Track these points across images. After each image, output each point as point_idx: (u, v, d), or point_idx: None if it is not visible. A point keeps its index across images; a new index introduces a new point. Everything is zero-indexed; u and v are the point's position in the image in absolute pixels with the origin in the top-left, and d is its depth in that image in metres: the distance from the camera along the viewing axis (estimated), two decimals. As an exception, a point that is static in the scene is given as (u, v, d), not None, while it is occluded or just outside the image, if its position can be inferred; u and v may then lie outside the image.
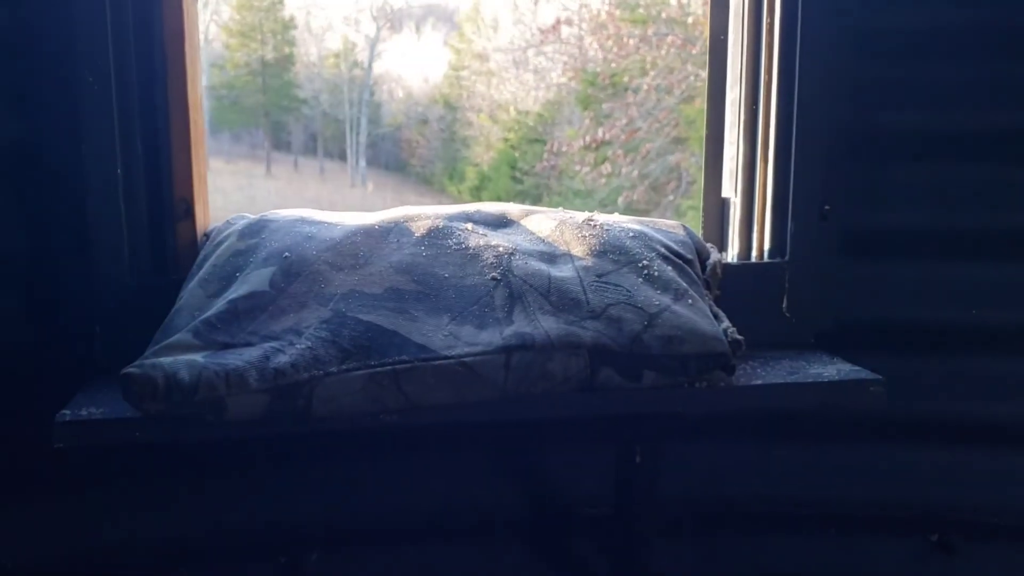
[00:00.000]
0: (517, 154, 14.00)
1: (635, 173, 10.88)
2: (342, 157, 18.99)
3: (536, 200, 12.61)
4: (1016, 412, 1.65)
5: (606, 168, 11.21)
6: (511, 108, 14.32)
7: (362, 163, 18.57)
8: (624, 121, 10.98)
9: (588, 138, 11.29)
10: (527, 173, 13.47)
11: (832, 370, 1.41)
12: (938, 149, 1.57)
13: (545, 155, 12.54)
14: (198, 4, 1.45)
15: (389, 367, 1.21)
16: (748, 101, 1.56)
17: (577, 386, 1.26)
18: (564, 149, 12.02)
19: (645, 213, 10.58)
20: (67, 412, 1.21)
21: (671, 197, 10.71)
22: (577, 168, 11.78)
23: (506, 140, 14.44)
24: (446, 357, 1.22)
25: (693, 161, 10.35)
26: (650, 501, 1.57)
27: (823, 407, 1.61)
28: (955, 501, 1.67)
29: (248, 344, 1.20)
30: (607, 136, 11.10)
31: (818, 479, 1.66)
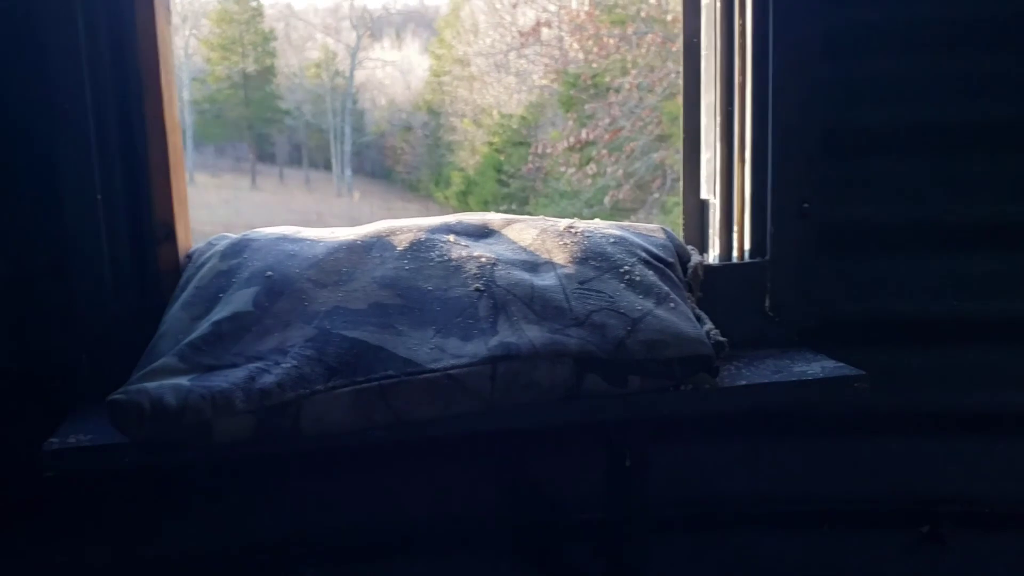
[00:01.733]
0: (502, 157, 14.03)
1: (620, 172, 10.91)
2: (327, 167, 18.99)
3: (523, 202, 12.64)
4: (1000, 401, 1.67)
5: (591, 168, 11.24)
6: (494, 112, 14.35)
7: (348, 172, 18.57)
8: (607, 121, 11.02)
9: (572, 139, 11.32)
10: (513, 176, 13.50)
11: (816, 367, 1.42)
12: (912, 143, 1.59)
13: (530, 158, 12.57)
14: (172, 27, 1.45)
15: (375, 382, 1.21)
16: (723, 104, 1.57)
17: (563, 394, 1.26)
18: (549, 151, 12.04)
19: (632, 211, 10.61)
20: (55, 440, 1.21)
21: (656, 194, 10.74)
22: (562, 169, 11.81)
23: (491, 144, 14.46)
24: (432, 370, 1.23)
25: (678, 158, 10.36)
26: (642, 503, 1.57)
27: (810, 404, 1.62)
28: (944, 492, 1.68)
29: (233, 365, 1.20)
30: (591, 136, 11.14)
31: (808, 475, 1.67)
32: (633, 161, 10.79)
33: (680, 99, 1.68)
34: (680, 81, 1.67)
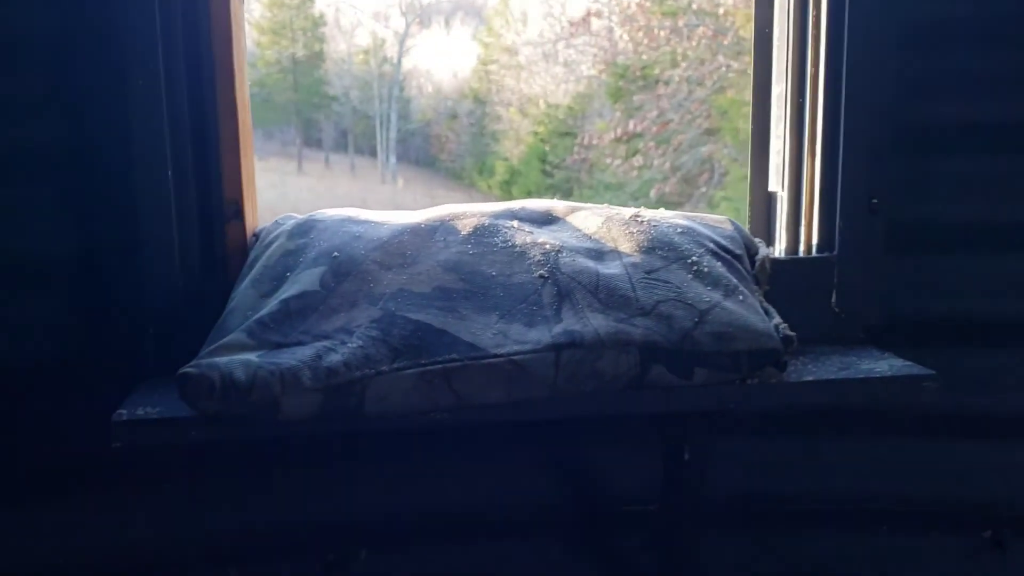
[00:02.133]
0: (547, 148, 13.97)
1: (667, 165, 10.83)
2: (372, 153, 19.07)
3: (567, 193, 12.59)
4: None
5: (637, 160, 11.16)
6: (541, 102, 14.29)
7: (392, 159, 18.63)
8: (655, 113, 10.93)
9: (619, 131, 11.25)
10: (557, 167, 13.43)
11: (884, 365, 1.39)
12: (986, 141, 1.55)
13: (575, 148, 12.51)
14: (244, 7, 1.46)
15: (440, 365, 1.21)
16: (794, 95, 1.55)
17: (627, 384, 1.25)
18: (595, 142, 11.97)
19: (678, 205, 10.53)
20: (123, 412, 1.23)
21: (703, 188, 10.64)
22: (608, 161, 11.74)
23: (536, 134, 14.40)
24: (496, 355, 1.23)
25: (726, 152, 10.29)
26: (699, 498, 1.56)
27: (873, 403, 1.60)
28: (1008, 497, 1.65)
29: (300, 343, 1.21)
30: (638, 128, 11.05)
31: (868, 475, 1.64)
32: (680, 154, 10.70)
33: (730, 93, 1.66)
34: (731, 75, 1.64)
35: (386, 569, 1.61)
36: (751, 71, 1.61)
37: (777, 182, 1.59)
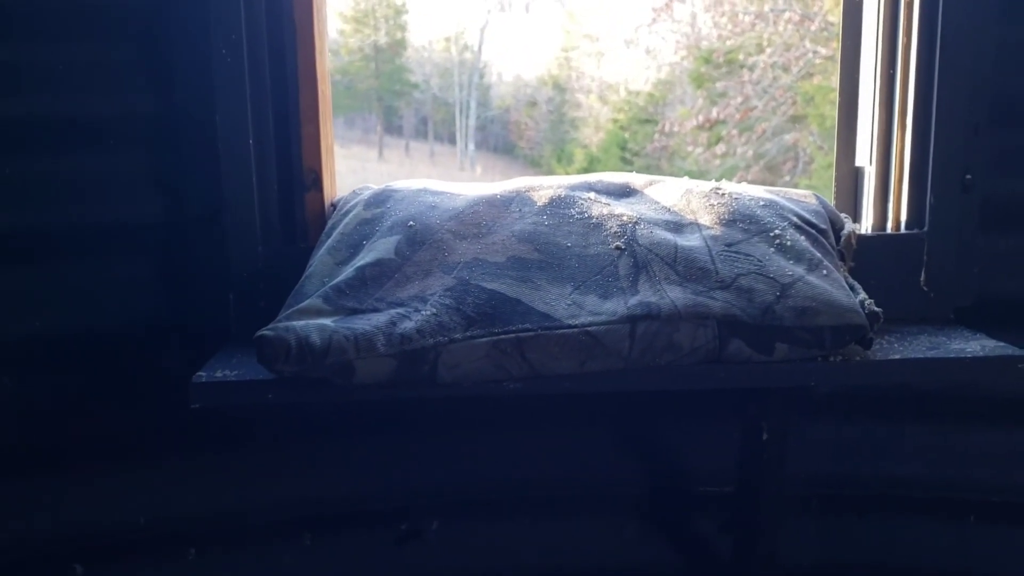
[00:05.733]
0: (627, 135, 13.83)
1: (750, 153, 10.62)
2: (452, 140, 19.17)
3: (646, 182, 12.39)
4: None
5: (720, 148, 10.97)
6: (621, 88, 14.16)
7: (471, 146, 18.70)
8: (739, 100, 10.72)
9: (701, 117, 11.06)
10: (637, 154, 13.29)
11: (975, 346, 1.33)
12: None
13: (656, 136, 12.35)
14: (326, -23, 1.47)
15: (513, 335, 1.20)
16: (885, 66, 1.49)
17: (705, 357, 1.23)
18: (676, 129, 11.80)
19: (759, 194, 10.31)
20: (203, 374, 1.25)
21: (787, 177, 10.40)
22: (689, 148, 11.56)
23: (615, 121, 14.27)
24: (570, 326, 1.21)
25: (811, 140, 10.04)
26: (777, 480, 1.52)
27: (961, 386, 1.54)
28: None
29: (375, 310, 1.22)
30: (721, 115, 10.86)
31: (953, 462, 1.58)
32: (764, 142, 10.48)
33: (817, 79, 1.61)
34: (818, 61, 1.59)
35: (457, 540, 1.62)
36: (839, 41, 1.56)
37: (865, 156, 1.54)
